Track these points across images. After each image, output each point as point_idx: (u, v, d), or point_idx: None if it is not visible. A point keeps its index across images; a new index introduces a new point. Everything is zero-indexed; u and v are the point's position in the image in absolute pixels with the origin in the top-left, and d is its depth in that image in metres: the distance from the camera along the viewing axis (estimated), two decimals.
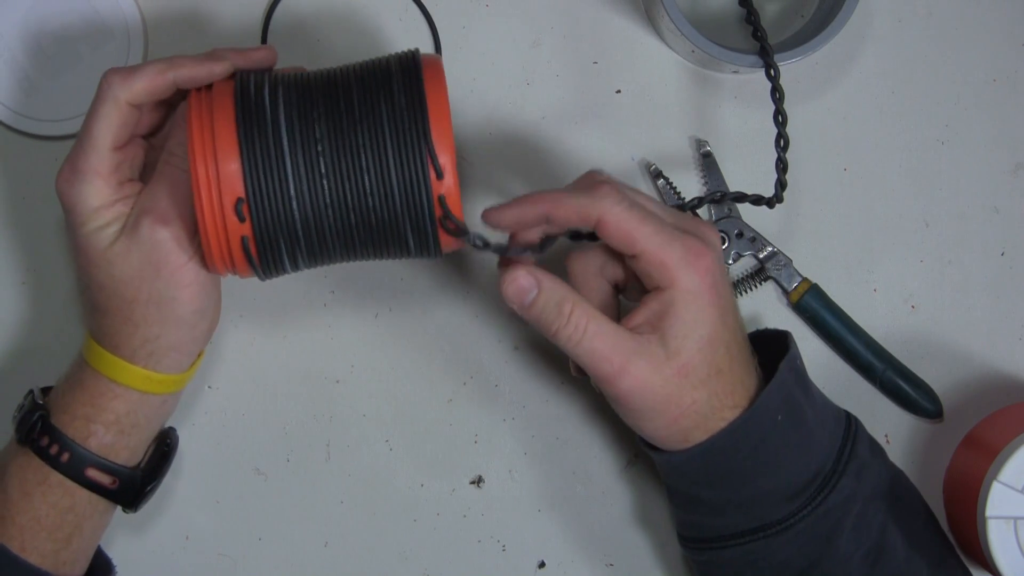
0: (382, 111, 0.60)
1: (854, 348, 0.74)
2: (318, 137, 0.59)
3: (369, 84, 0.61)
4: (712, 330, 0.61)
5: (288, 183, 0.59)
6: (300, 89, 0.61)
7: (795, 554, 0.63)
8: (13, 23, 0.72)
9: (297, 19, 0.74)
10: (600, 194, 0.60)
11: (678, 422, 0.62)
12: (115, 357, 0.63)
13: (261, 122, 0.60)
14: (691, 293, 0.60)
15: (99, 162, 0.62)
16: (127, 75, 0.62)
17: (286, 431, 0.74)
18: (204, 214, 0.59)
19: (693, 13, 0.75)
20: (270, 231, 0.59)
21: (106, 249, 0.62)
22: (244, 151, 0.59)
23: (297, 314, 0.73)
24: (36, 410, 0.63)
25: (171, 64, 0.62)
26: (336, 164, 0.59)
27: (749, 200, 0.70)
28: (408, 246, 0.62)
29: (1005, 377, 0.75)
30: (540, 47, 0.75)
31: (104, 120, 0.62)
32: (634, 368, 0.61)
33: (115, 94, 0.62)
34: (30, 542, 0.62)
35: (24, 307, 0.73)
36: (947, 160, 0.75)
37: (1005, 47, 0.76)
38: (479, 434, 0.74)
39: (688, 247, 0.60)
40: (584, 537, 0.74)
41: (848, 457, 0.64)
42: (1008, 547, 0.67)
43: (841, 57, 0.75)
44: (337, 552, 0.73)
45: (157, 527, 0.73)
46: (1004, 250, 0.75)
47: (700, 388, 0.61)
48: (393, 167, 0.59)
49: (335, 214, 0.60)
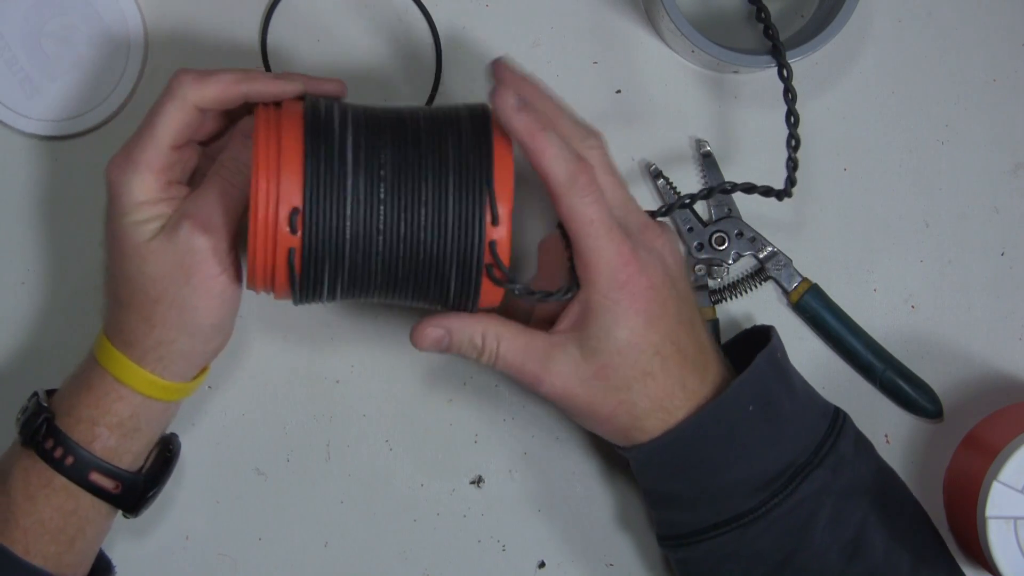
0: (448, 149, 0.60)
1: (854, 348, 0.74)
2: (382, 162, 0.60)
3: (438, 123, 0.61)
4: (631, 335, 0.61)
5: (346, 202, 0.59)
6: (369, 117, 0.62)
7: (769, 546, 0.63)
8: (13, 23, 0.72)
9: (297, 19, 0.74)
10: (578, 176, 0.60)
11: (611, 422, 0.63)
12: (124, 357, 0.63)
13: (328, 139, 0.60)
14: (608, 298, 0.61)
15: (155, 157, 0.62)
16: (199, 78, 0.62)
17: (286, 431, 0.74)
18: (256, 219, 0.59)
19: (693, 13, 0.75)
20: (318, 248, 0.59)
21: (142, 244, 0.62)
22: (308, 162, 0.59)
23: (297, 314, 0.73)
24: (41, 412, 0.63)
25: (246, 76, 0.63)
26: (396, 191, 0.59)
27: (759, 191, 0.70)
28: (448, 289, 0.61)
29: (1005, 377, 0.75)
30: (540, 47, 0.75)
31: (168, 117, 0.62)
32: (551, 374, 0.63)
33: (184, 93, 0.62)
34: (34, 545, 0.62)
35: (24, 307, 0.73)
36: (947, 160, 0.75)
37: (1005, 47, 0.76)
38: (479, 434, 0.74)
39: (619, 254, 0.61)
40: (584, 537, 0.74)
41: (828, 451, 0.64)
42: (1008, 547, 0.67)
43: (841, 57, 0.75)
44: (337, 552, 0.73)
45: (157, 527, 0.73)
46: (1004, 250, 0.75)
47: (625, 391, 0.62)
48: (452, 203, 0.59)
49: (385, 241, 0.60)
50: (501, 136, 0.61)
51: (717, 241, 0.74)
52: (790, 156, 0.69)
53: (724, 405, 0.62)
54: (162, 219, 0.62)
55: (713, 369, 0.64)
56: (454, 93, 0.74)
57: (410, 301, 0.64)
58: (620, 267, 0.60)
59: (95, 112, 0.73)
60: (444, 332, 0.63)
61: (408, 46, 0.74)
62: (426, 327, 0.63)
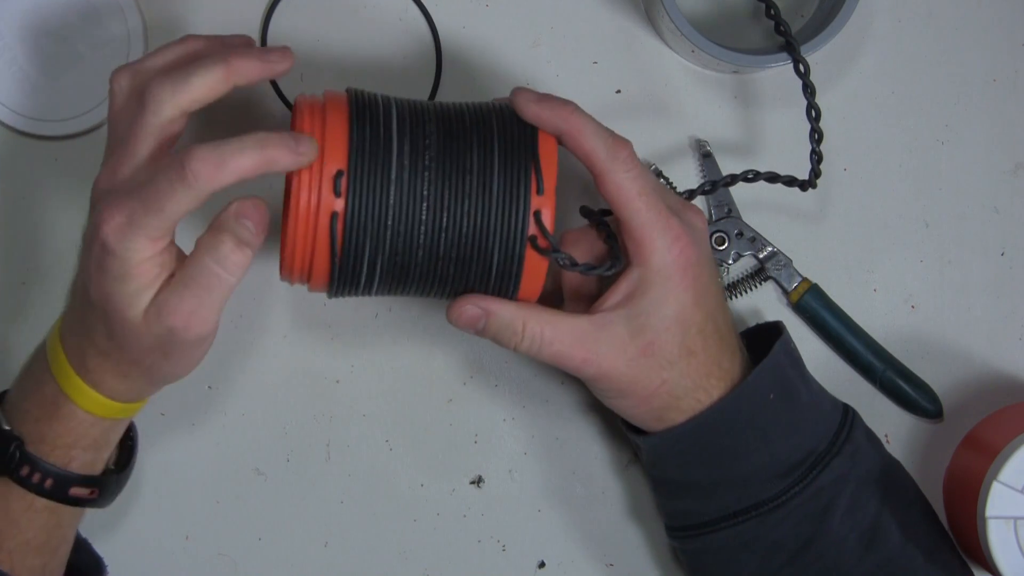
0: (492, 123, 0.61)
1: (854, 348, 0.74)
2: (427, 133, 0.60)
3: (480, 107, 0.62)
4: (680, 311, 0.62)
5: (391, 169, 0.59)
6: (411, 101, 0.62)
7: (788, 534, 0.64)
8: (13, 23, 0.72)
9: (297, 19, 0.74)
10: (618, 151, 0.61)
11: (649, 402, 0.63)
12: (97, 395, 0.61)
13: (374, 113, 0.60)
14: (660, 274, 0.61)
15: (158, 231, 0.57)
16: (219, 168, 0.56)
17: (286, 431, 0.74)
18: (300, 184, 0.58)
19: (693, 13, 0.74)
20: (362, 214, 0.58)
21: (130, 319, 0.59)
22: (354, 129, 0.59)
23: (297, 314, 0.73)
24: (11, 441, 0.61)
25: (265, 161, 0.57)
26: (441, 160, 0.59)
27: (782, 181, 0.70)
28: (491, 263, 0.61)
29: (1005, 377, 0.75)
30: (540, 47, 0.75)
31: (179, 203, 0.56)
32: (598, 355, 0.62)
33: (200, 186, 0.56)
34: (20, 563, 0.62)
35: (24, 307, 0.73)
36: (947, 160, 0.75)
37: (1005, 47, 0.76)
38: (479, 434, 0.74)
39: (668, 228, 0.61)
40: (584, 537, 0.74)
41: (844, 440, 0.64)
42: (1008, 547, 0.67)
43: (841, 57, 0.75)
44: (337, 552, 0.73)
45: (157, 527, 0.73)
46: (1004, 250, 0.75)
47: (669, 368, 0.62)
48: (497, 173, 0.60)
49: (429, 209, 0.59)
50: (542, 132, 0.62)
51: (717, 241, 0.74)
52: (814, 149, 0.69)
53: (747, 392, 0.63)
54: (154, 286, 0.58)
55: (741, 351, 0.65)
56: (454, 93, 0.74)
57: (450, 285, 0.62)
58: (672, 241, 0.61)
59: (95, 112, 0.73)
60: (482, 313, 0.62)
61: (408, 46, 0.74)
62: (465, 303, 0.62)
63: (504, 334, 0.63)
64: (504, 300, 0.63)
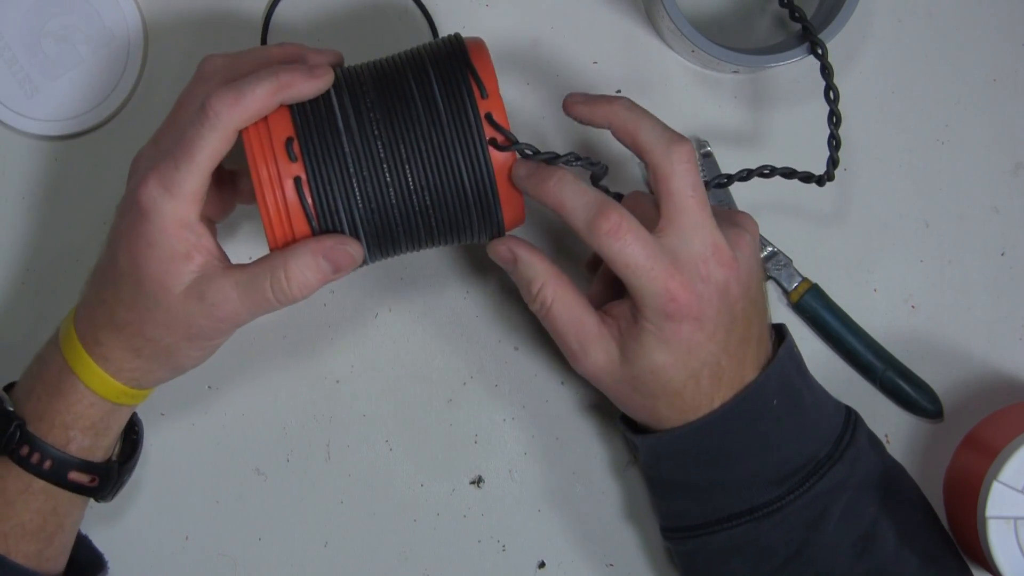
0: (423, 53, 0.62)
1: (854, 348, 0.74)
2: (363, 80, 0.61)
3: (412, 51, 0.63)
4: (671, 360, 0.61)
5: (336, 118, 0.60)
6: (344, 66, 0.64)
7: (781, 539, 0.63)
8: (13, 23, 0.72)
9: (297, 19, 0.74)
10: (677, 153, 0.61)
11: (633, 413, 0.65)
12: (101, 371, 0.62)
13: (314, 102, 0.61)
14: (653, 323, 0.61)
15: (193, 185, 0.59)
16: (237, 99, 0.58)
17: (286, 431, 0.74)
18: (255, 158, 0.59)
19: (693, 13, 0.75)
20: (323, 169, 0.60)
21: (168, 292, 0.60)
22: (294, 106, 0.60)
23: (297, 314, 0.73)
24: (11, 420, 0.62)
25: (280, 86, 0.59)
26: (382, 97, 0.61)
27: (799, 176, 0.69)
28: (464, 188, 0.61)
29: (1005, 377, 0.75)
30: (540, 47, 0.75)
31: (207, 144, 0.59)
32: (589, 358, 0.63)
33: (224, 122, 0.58)
34: (15, 546, 0.63)
35: (24, 307, 0.73)
36: (947, 160, 0.75)
37: (1005, 47, 0.76)
38: (479, 434, 0.74)
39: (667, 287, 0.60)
40: (584, 537, 0.74)
41: (847, 444, 0.64)
42: (1008, 547, 0.67)
43: (841, 57, 0.75)
44: (337, 552, 0.74)
45: (157, 527, 0.73)
46: (1004, 250, 0.75)
47: (652, 399, 0.63)
48: (439, 92, 0.60)
49: (384, 146, 0.60)
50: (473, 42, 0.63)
51: None
52: (832, 133, 0.68)
53: (749, 399, 0.62)
54: (192, 265, 0.60)
55: (757, 358, 0.64)
56: None
57: (437, 228, 0.63)
58: (667, 302, 0.60)
59: (95, 112, 0.73)
60: (512, 256, 0.64)
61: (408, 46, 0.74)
62: (502, 243, 0.64)
63: (522, 286, 0.64)
64: (535, 252, 0.63)
